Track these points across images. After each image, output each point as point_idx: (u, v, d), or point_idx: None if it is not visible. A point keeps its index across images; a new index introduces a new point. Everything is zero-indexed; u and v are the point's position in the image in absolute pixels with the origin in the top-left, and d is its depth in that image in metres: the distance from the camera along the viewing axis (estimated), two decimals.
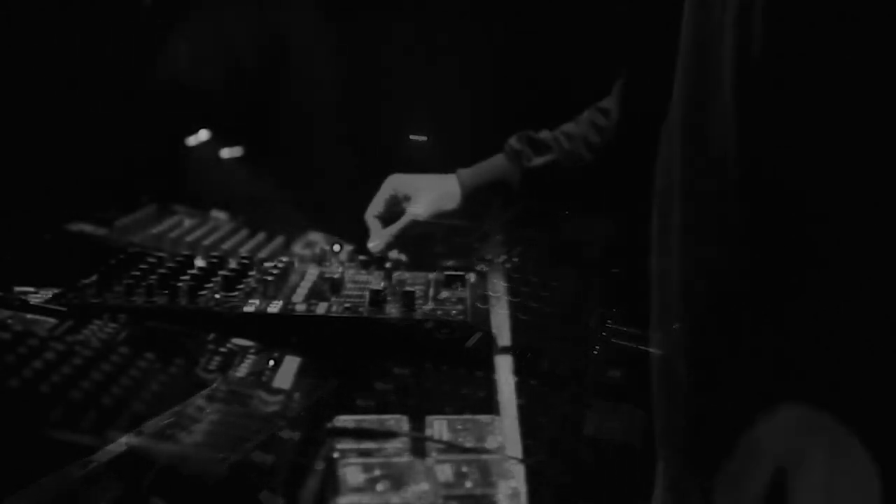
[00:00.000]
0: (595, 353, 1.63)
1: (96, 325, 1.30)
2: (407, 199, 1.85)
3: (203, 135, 2.41)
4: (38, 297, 1.49)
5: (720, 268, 1.34)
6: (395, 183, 1.87)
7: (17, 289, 1.56)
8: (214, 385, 1.18)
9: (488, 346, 1.52)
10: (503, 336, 1.69)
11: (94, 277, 1.53)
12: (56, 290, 1.52)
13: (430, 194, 1.84)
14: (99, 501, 0.98)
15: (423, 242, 1.85)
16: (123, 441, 1.01)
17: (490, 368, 1.53)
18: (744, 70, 1.31)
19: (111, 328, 1.30)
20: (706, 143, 1.35)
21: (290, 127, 2.47)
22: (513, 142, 1.87)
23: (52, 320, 1.30)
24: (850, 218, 1.23)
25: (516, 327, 1.75)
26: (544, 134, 1.87)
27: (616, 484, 1.76)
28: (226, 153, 2.45)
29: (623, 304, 1.58)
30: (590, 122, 1.85)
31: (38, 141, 1.87)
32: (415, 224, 1.82)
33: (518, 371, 1.59)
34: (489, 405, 1.44)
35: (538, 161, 1.83)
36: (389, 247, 1.81)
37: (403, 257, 1.81)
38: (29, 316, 1.30)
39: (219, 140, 2.43)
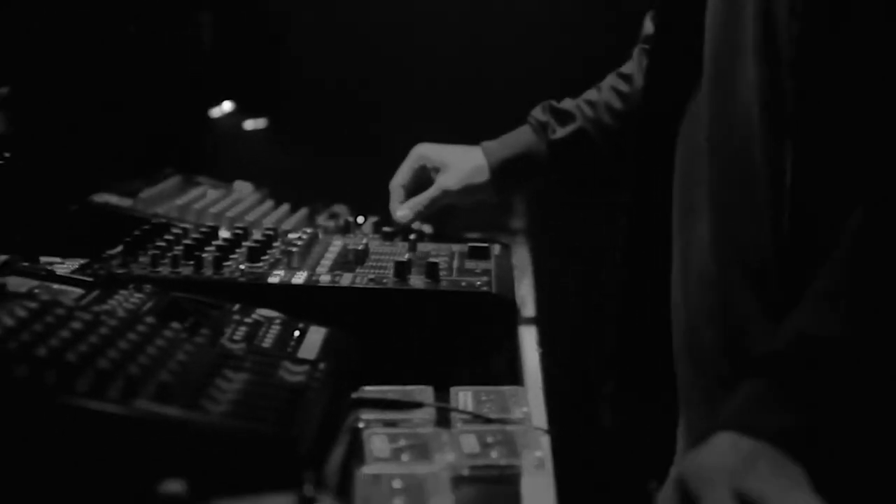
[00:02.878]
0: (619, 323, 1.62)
1: (122, 295, 1.31)
2: (435, 169, 1.85)
3: (227, 106, 2.41)
4: (64, 267, 1.50)
5: (750, 233, 1.33)
6: (423, 152, 1.86)
7: (44, 259, 1.57)
8: (240, 355, 1.18)
9: (513, 317, 1.52)
10: (528, 306, 1.69)
11: (119, 248, 1.53)
12: (82, 261, 1.53)
13: (459, 167, 1.83)
14: None
15: (447, 213, 1.85)
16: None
17: (515, 339, 1.53)
18: (770, 35, 1.30)
19: (137, 298, 1.30)
20: (735, 96, 1.34)
21: (313, 98, 2.47)
22: (536, 113, 1.86)
23: (78, 290, 1.30)
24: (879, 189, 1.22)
25: (541, 298, 1.75)
26: (567, 103, 1.86)
27: (641, 452, 1.76)
28: (250, 125, 2.45)
29: (644, 272, 1.57)
30: (612, 88, 1.84)
31: (64, 113, 1.88)
32: (445, 195, 1.82)
33: (543, 341, 1.59)
34: (514, 376, 1.44)
35: (563, 132, 1.82)
36: (417, 216, 1.81)
37: (428, 228, 1.81)
38: (56, 286, 1.30)
39: (243, 112, 2.43)
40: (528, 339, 1.59)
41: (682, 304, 1.47)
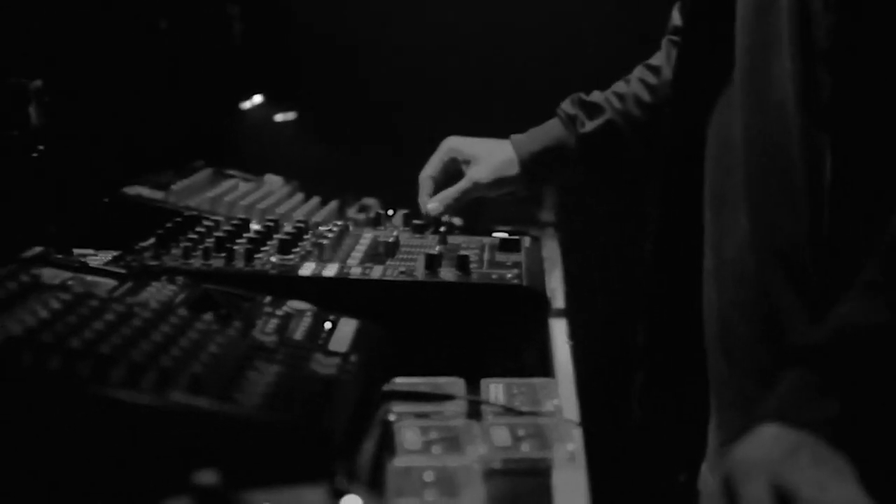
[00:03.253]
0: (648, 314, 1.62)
1: (155, 287, 1.31)
2: (465, 162, 1.84)
3: (257, 99, 2.42)
4: (97, 259, 1.51)
5: (788, 226, 1.32)
6: (453, 145, 1.86)
7: (77, 251, 1.58)
8: (272, 347, 1.18)
9: (544, 309, 1.52)
10: (558, 299, 1.68)
11: (151, 240, 1.54)
12: (114, 253, 1.54)
13: (489, 159, 1.83)
14: None
15: (477, 206, 1.85)
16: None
17: (545, 331, 1.53)
18: (804, 26, 1.29)
19: (169, 290, 1.31)
20: (769, 89, 1.34)
21: (343, 91, 2.47)
22: (565, 106, 1.86)
23: (111, 282, 1.31)
24: None
25: (570, 290, 1.75)
26: (596, 95, 1.85)
27: (671, 444, 1.75)
28: (280, 118, 2.45)
29: (674, 264, 1.56)
30: (640, 80, 1.83)
31: (97, 106, 1.89)
32: (475, 188, 1.82)
33: (573, 334, 1.59)
34: (545, 368, 1.44)
35: (592, 125, 1.82)
36: (447, 210, 1.81)
37: (458, 221, 1.81)
38: (89, 278, 1.31)
39: (273, 104, 2.44)
40: (559, 331, 1.59)
41: (714, 297, 1.46)
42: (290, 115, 2.47)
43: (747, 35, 1.38)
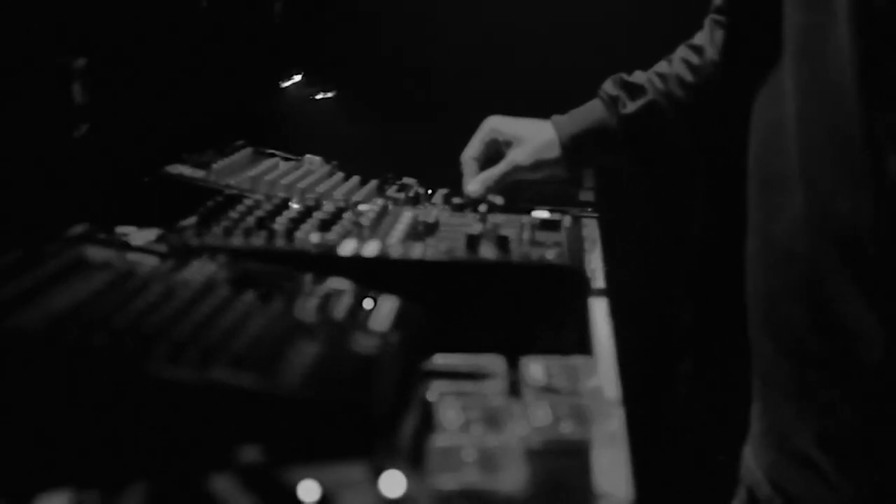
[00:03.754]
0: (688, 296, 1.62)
1: (196, 265, 1.32)
2: (506, 143, 1.84)
3: (298, 78, 2.42)
4: (138, 236, 1.52)
5: (847, 207, 1.31)
6: (494, 126, 1.86)
7: (119, 229, 1.59)
8: (313, 325, 1.19)
9: (584, 289, 1.52)
10: (598, 278, 1.68)
11: (193, 219, 1.55)
12: (156, 231, 1.55)
13: (530, 141, 1.83)
14: None
15: (518, 186, 1.84)
16: None
17: (585, 311, 1.53)
18: (863, 2, 1.27)
19: (210, 269, 1.32)
20: (825, 68, 1.32)
21: (383, 70, 2.47)
22: (607, 87, 1.84)
23: (153, 260, 1.31)
24: None
25: (610, 270, 1.74)
26: (637, 76, 1.83)
27: (712, 426, 1.75)
28: (320, 97, 2.45)
29: (719, 246, 1.56)
30: (682, 60, 1.81)
31: (139, 85, 1.90)
32: (516, 171, 1.82)
33: (614, 313, 1.58)
34: (585, 347, 1.44)
35: (634, 106, 1.80)
36: (488, 191, 1.81)
37: (499, 200, 1.80)
38: (131, 256, 1.32)
39: (313, 83, 2.44)
40: (599, 310, 1.59)
41: (760, 280, 1.44)
42: (329, 94, 2.47)
43: (800, 12, 1.35)
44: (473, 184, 1.81)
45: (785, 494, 1.43)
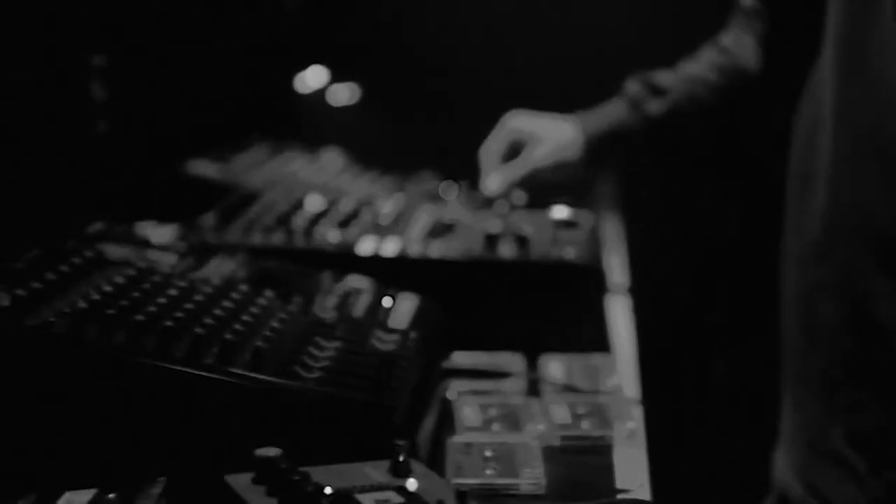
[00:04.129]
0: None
1: (215, 262, 1.32)
2: (527, 140, 1.83)
3: (314, 71, 2.42)
4: (157, 233, 1.52)
5: (882, 203, 1.29)
6: (515, 123, 1.85)
7: (138, 226, 1.59)
8: (332, 323, 1.19)
9: (602, 286, 1.52)
10: (618, 276, 1.68)
11: (211, 216, 1.55)
12: (175, 227, 1.55)
13: (550, 140, 1.82)
14: None
15: (539, 185, 1.83)
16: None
17: (604, 308, 1.52)
18: None
19: (230, 266, 1.32)
20: (867, 58, 1.30)
21: (402, 63, 2.46)
22: (630, 85, 1.83)
23: (173, 257, 1.32)
24: None
25: (633, 268, 1.74)
26: (661, 76, 1.82)
27: (735, 425, 1.74)
28: (338, 90, 2.45)
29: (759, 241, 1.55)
30: (708, 61, 1.80)
31: (158, 81, 1.90)
32: (535, 172, 1.81)
33: (634, 310, 1.58)
34: (604, 345, 1.44)
35: (657, 106, 1.79)
36: (507, 189, 1.80)
37: (518, 197, 1.80)
38: (151, 253, 1.32)
39: (330, 77, 2.44)
40: (618, 308, 1.59)
41: (796, 278, 1.43)
42: (346, 88, 2.47)
43: (840, 8, 1.34)
44: (492, 182, 1.81)
45: (818, 494, 1.42)
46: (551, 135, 1.82)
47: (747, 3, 1.71)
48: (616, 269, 1.70)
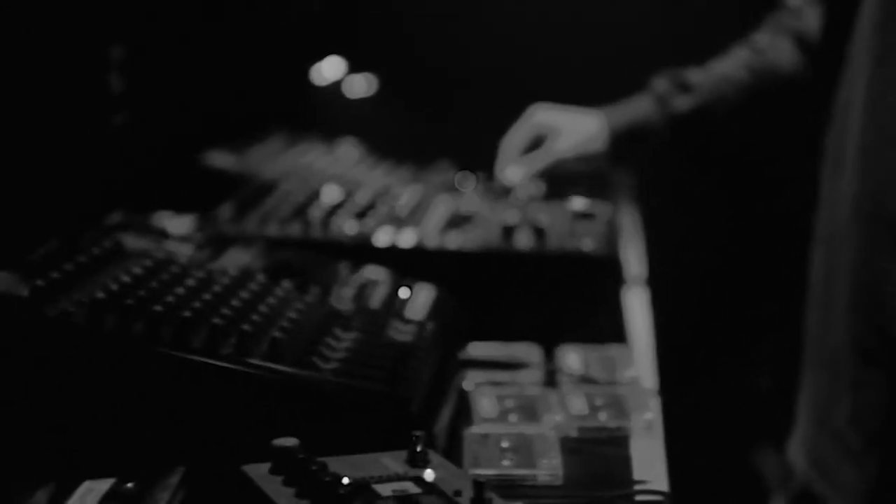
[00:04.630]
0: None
1: (232, 253, 1.33)
2: (550, 132, 1.83)
3: (331, 63, 2.42)
4: (175, 224, 1.53)
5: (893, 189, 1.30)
6: (539, 116, 1.85)
7: (156, 216, 1.60)
8: (349, 314, 1.19)
9: (619, 278, 1.51)
10: (636, 267, 1.67)
11: (228, 207, 1.55)
12: (192, 218, 1.55)
13: (574, 134, 1.81)
14: None
15: (558, 176, 1.83)
16: None
17: (621, 300, 1.52)
18: None
19: (247, 257, 1.32)
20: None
21: (418, 54, 2.45)
22: (658, 82, 1.82)
23: (190, 248, 1.32)
24: None
25: (650, 259, 1.73)
26: (690, 73, 1.81)
27: (753, 415, 1.74)
28: (355, 81, 2.45)
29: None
30: (739, 59, 1.79)
31: (176, 72, 1.90)
32: (558, 164, 1.81)
33: (652, 302, 1.58)
34: (621, 336, 1.43)
35: (684, 103, 1.78)
36: (527, 180, 1.80)
37: (536, 188, 1.79)
38: (169, 244, 1.32)
39: (347, 68, 2.44)
40: (636, 299, 1.58)
41: (823, 259, 1.45)
42: (364, 79, 2.46)
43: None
44: (513, 172, 1.81)
45: (821, 471, 1.44)
46: (575, 127, 1.82)
47: (794, 3, 1.71)
48: (633, 260, 1.70)
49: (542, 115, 1.84)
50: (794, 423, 1.55)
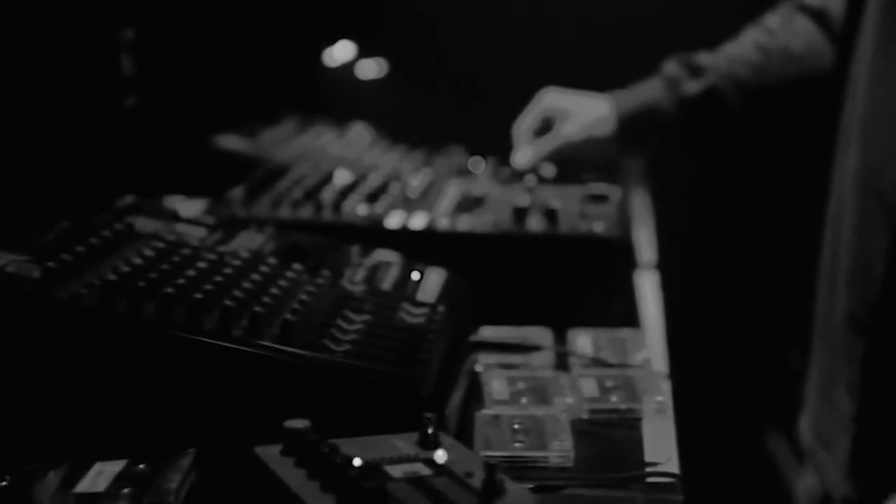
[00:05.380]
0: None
1: (244, 236, 1.33)
2: (560, 116, 1.83)
3: (343, 46, 2.41)
4: (186, 207, 1.53)
5: (892, 165, 1.31)
6: (549, 99, 1.84)
7: (167, 199, 1.60)
8: (360, 296, 1.19)
9: (631, 261, 1.51)
10: (647, 250, 1.67)
11: (240, 190, 1.55)
12: (204, 201, 1.56)
13: (583, 117, 1.81)
14: None
15: (568, 159, 1.82)
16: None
17: (633, 283, 1.52)
18: None
19: (258, 239, 1.32)
20: None
21: (429, 37, 2.45)
22: (668, 65, 1.81)
23: (202, 231, 1.32)
24: None
25: (661, 242, 1.73)
26: (702, 56, 1.80)
27: (764, 397, 1.74)
28: (366, 65, 2.44)
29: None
30: (752, 41, 1.78)
31: (187, 55, 1.90)
32: (567, 147, 1.80)
33: (663, 285, 1.57)
34: (632, 319, 1.43)
35: (695, 87, 1.77)
36: (537, 163, 1.80)
37: (548, 171, 1.79)
38: (180, 226, 1.32)
39: (358, 51, 2.43)
40: (647, 283, 1.58)
41: (831, 236, 1.46)
42: (375, 63, 2.46)
43: None
44: (522, 156, 1.80)
45: (821, 440, 1.48)
46: (584, 110, 1.81)
47: None
48: (645, 243, 1.69)
49: (551, 99, 1.84)
50: (803, 403, 1.55)
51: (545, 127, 1.84)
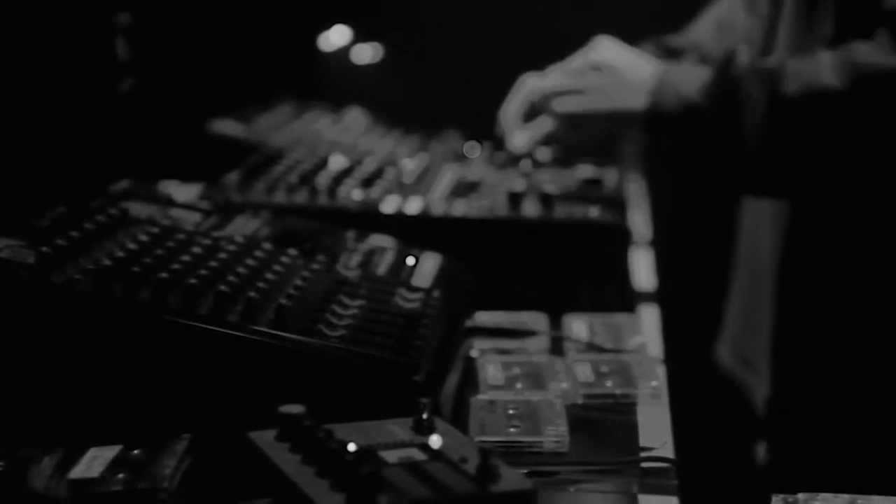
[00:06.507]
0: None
1: (239, 221, 1.32)
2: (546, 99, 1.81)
3: (339, 31, 2.41)
4: (181, 192, 1.52)
5: None
6: (532, 83, 1.83)
7: (162, 184, 1.59)
8: (355, 282, 1.19)
9: (627, 245, 1.51)
10: (643, 235, 1.67)
11: (235, 175, 1.55)
12: (199, 185, 1.55)
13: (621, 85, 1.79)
14: None
15: (564, 142, 1.82)
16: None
17: (628, 267, 1.52)
18: None
19: (253, 224, 1.32)
20: None
21: (425, 22, 2.44)
22: (644, 48, 1.80)
23: (197, 216, 1.32)
24: None
25: (657, 227, 1.73)
26: (673, 38, 1.79)
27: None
28: (361, 49, 2.44)
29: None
30: (711, 18, 1.78)
31: (183, 40, 1.90)
32: (559, 129, 1.79)
33: (658, 270, 1.57)
34: (627, 304, 1.43)
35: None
36: (534, 147, 1.79)
37: (543, 155, 1.78)
38: (175, 211, 1.32)
39: (354, 36, 2.43)
40: (642, 268, 1.58)
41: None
42: (372, 48, 2.46)
43: None
44: (518, 140, 1.80)
45: (744, 363, 1.74)
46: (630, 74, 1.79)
47: None
48: (641, 228, 1.69)
49: (534, 83, 1.82)
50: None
51: (532, 112, 1.82)
